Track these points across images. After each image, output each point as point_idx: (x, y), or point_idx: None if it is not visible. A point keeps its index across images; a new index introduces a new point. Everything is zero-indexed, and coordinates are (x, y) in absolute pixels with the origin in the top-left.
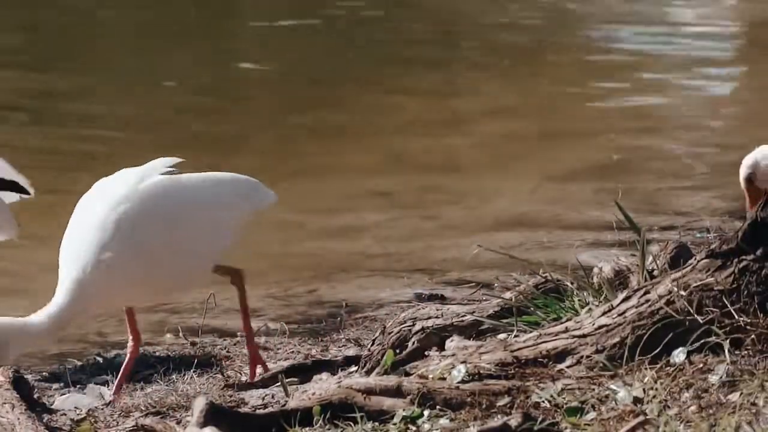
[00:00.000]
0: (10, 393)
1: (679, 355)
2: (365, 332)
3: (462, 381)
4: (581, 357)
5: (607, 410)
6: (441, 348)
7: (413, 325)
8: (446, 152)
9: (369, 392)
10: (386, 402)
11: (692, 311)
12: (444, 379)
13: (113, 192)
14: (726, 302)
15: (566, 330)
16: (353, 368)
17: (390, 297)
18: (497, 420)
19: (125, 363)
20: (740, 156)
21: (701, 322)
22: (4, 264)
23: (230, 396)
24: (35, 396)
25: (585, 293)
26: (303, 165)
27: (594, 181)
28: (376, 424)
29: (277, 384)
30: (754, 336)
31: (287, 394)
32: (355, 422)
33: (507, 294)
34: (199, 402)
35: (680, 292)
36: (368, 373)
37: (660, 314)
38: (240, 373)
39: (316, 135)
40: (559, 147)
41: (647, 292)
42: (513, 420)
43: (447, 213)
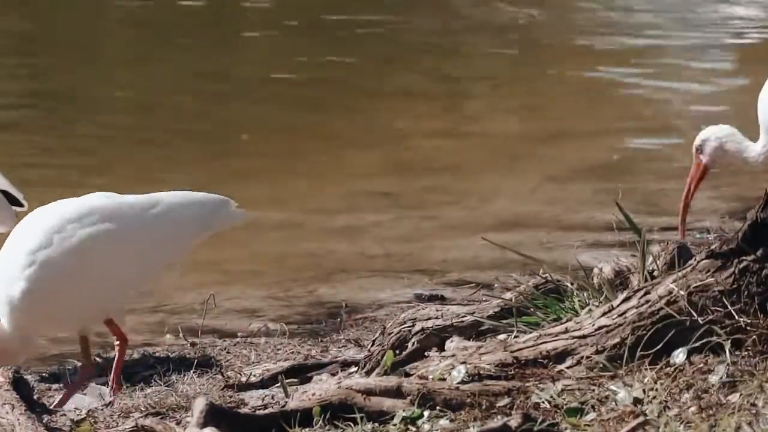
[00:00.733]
0: (10, 393)
1: (679, 356)
2: (365, 333)
3: (462, 382)
4: (581, 357)
5: (607, 411)
6: (441, 349)
7: (413, 326)
8: (446, 153)
9: (369, 393)
10: (386, 403)
11: (692, 312)
12: (444, 380)
13: (44, 221)
14: (726, 303)
15: (566, 330)
16: (353, 369)
17: (390, 297)
18: (497, 421)
19: (116, 361)
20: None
21: (701, 323)
22: None
23: (230, 397)
24: (35, 396)
25: (585, 294)
26: (303, 165)
27: (594, 182)
28: (376, 425)
29: (277, 384)
30: (755, 337)
31: (287, 395)
32: (355, 423)
33: (507, 294)
34: (199, 402)
35: (680, 293)
36: (368, 374)
37: (660, 315)
38: (240, 374)
39: (317, 135)
40: (559, 147)
41: (647, 293)
42: (513, 421)
43: (447, 213)
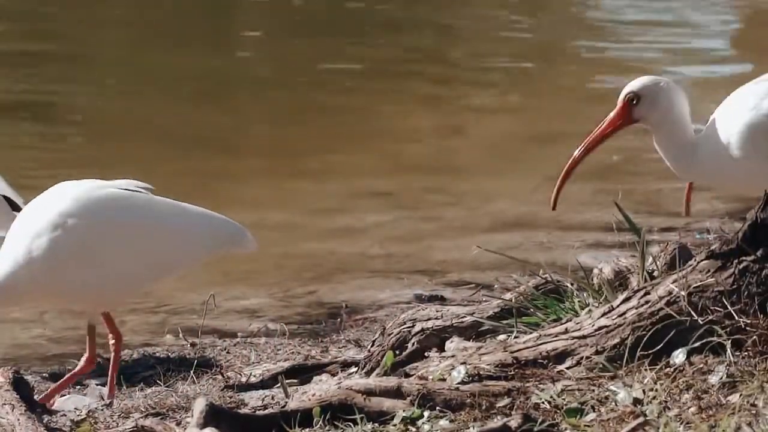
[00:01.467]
0: (10, 394)
1: (679, 356)
2: (365, 333)
3: (462, 382)
4: (581, 358)
5: (607, 411)
6: (441, 349)
7: (413, 326)
8: (446, 153)
9: (369, 393)
10: (386, 403)
11: (692, 312)
12: (444, 380)
13: (66, 193)
14: (726, 303)
15: (566, 331)
16: (353, 369)
17: (390, 298)
18: (497, 421)
19: (112, 360)
20: None
21: (701, 323)
22: None
23: (230, 397)
24: (35, 397)
25: (585, 294)
26: (303, 166)
27: (594, 182)
28: (376, 425)
29: (277, 385)
30: (755, 337)
31: (287, 395)
32: (355, 423)
33: (507, 295)
34: (199, 403)
35: (680, 293)
36: (368, 374)
37: (660, 315)
38: (240, 374)
39: (317, 135)
40: (559, 147)
41: (647, 293)
42: (513, 421)
43: (447, 214)
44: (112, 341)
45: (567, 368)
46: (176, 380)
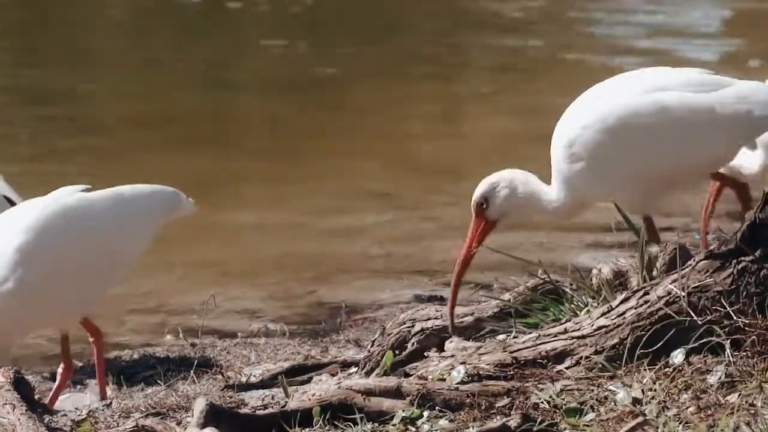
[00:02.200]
0: (11, 394)
1: (678, 356)
2: (365, 333)
3: (461, 382)
4: (580, 358)
5: (606, 411)
6: (440, 349)
7: (413, 326)
8: (446, 153)
9: (369, 393)
10: (386, 403)
11: (691, 312)
12: (443, 380)
13: (16, 218)
14: (725, 303)
15: (565, 331)
16: (353, 369)
17: (390, 298)
18: (496, 421)
19: (96, 358)
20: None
21: (700, 323)
22: None
23: (230, 397)
24: (36, 396)
25: (584, 294)
26: (303, 166)
27: None
28: (376, 425)
29: (277, 385)
30: (754, 337)
31: (287, 395)
32: (355, 423)
33: (506, 295)
34: (200, 403)
35: (679, 293)
36: (368, 374)
37: (659, 315)
38: (240, 374)
39: (317, 136)
40: None
41: (646, 293)
42: (512, 421)
43: (447, 214)
44: (92, 339)
45: (566, 368)
46: (176, 380)
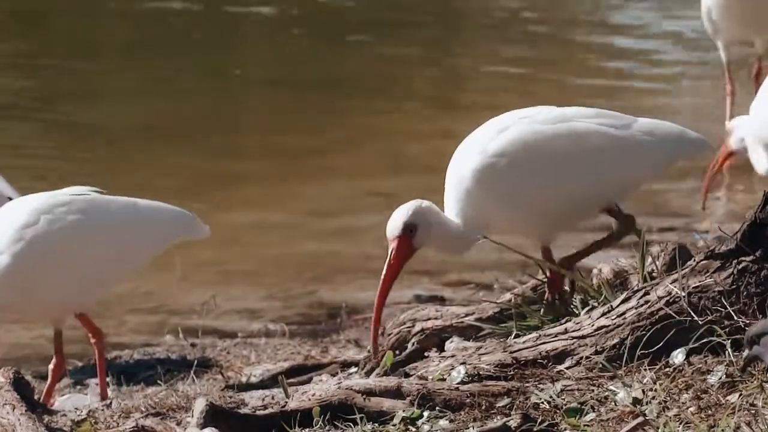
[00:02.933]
0: (11, 394)
1: (679, 356)
2: (365, 333)
3: (461, 382)
4: (581, 358)
5: (607, 411)
6: (441, 349)
7: (413, 327)
8: (446, 154)
9: (369, 393)
10: (386, 403)
11: (691, 312)
12: (443, 381)
13: (27, 205)
14: (725, 303)
15: (565, 331)
16: (353, 369)
17: (390, 298)
18: (497, 421)
19: (97, 359)
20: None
21: (700, 323)
22: None
23: (230, 397)
24: (36, 397)
25: (584, 294)
26: (302, 167)
27: None
28: (376, 425)
29: (277, 385)
30: None
31: (287, 395)
32: (355, 423)
33: (506, 296)
34: (200, 403)
35: (680, 293)
36: (368, 374)
37: (659, 315)
38: (240, 374)
39: (316, 136)
40: None
41: (646, 293)
42: (512, 421)
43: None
44: (93, 340)
45: (566, 368)
46: (176, 380)
